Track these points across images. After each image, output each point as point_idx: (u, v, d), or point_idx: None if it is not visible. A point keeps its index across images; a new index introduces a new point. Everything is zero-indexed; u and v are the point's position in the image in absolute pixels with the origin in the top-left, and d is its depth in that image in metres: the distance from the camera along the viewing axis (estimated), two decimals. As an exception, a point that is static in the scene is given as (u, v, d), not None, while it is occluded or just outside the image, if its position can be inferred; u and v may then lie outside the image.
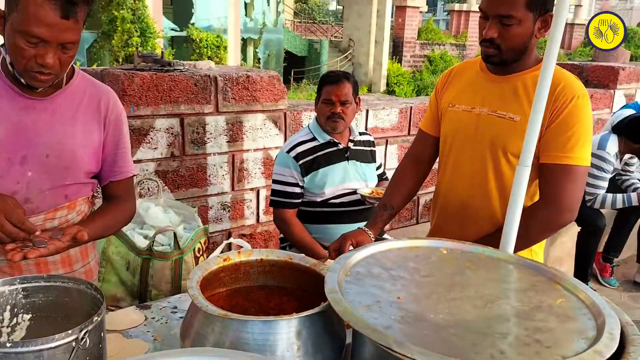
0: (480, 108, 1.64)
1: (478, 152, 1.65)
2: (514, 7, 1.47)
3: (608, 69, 4.91)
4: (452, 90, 1.76)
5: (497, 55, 1.55)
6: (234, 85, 2.77)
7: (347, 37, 21.06)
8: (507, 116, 1.59)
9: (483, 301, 1.10)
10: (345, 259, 1.19)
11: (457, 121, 1.71)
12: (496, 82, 1.63)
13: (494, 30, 1.51)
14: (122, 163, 1.49)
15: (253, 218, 3.07)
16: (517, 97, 1.58)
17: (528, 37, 1.52)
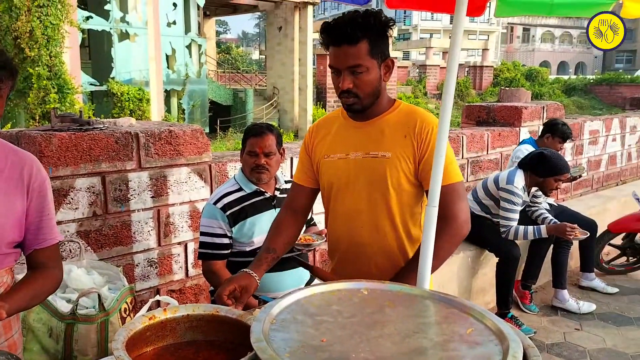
0: (354, 153, 1.79)
1: (362, 193, 1.79)
2: (360, 58, 1.65)
3: (512, 108, 5.33)
4: (322, 143, 1.89)
5: (358, 102, 1.72)
6: (156, 141, 2.78)
7: (271, 85, 21.46)
8: (379, 155, 1.75)
9: (401, 337, 1.17)
10: (270, 308, 1.23)
11: (335, 169, 1.84)
12: (362, 128, 1.79)
13: (348, 81, 1.68)
14: (47, 230, 1.47)
15: (182, 273, 3.03)
16: (384, 137, 1.76)
17: (377, 81, 1.71)
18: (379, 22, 1.66)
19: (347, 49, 1.65)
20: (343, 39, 1.65)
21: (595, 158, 6.50)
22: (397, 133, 1.74)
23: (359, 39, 1.63)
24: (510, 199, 3.63)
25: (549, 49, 53.93)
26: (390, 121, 1.77)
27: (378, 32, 1.66)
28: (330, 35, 1.67)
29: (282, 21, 20.25)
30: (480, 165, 4.89)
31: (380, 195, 1.76)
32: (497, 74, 30.63)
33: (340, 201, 1.86)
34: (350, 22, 1.63)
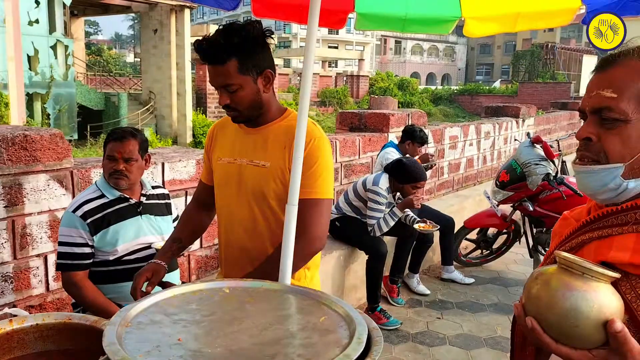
0: (240, 159, 1.84)
1: (245, 199, 1.84)
2: (229, 77, 1.68)
3: (381, 115, 5.66)
4: (218, 144, 1.95)
5: (239, 115, 1.78)
6: (9, 146, 2.58)
7: (147, 89, 20.63)
8: (260, 164, 1.80)
9: (258, 329, 1.22)
10: (127, 311, 1.22)
11: (223, 173, 1.89)
12: (251, 134, 1.85)
13: (224, 98, 1.72)
14: None
15: (42, 287, 2.84)
16: (267, 146, 1.81)
17: (255, 95, 1.74)
18: (248, 38, 1.67)
19: (217, 69, 1.67)
20: (210, 58, 1.67)
21: (455, 161, 7.09)
22: (279, 144, 1.78)
23: (225, 59, 1.65)
24: (375, 199, 3.87)
25: (419, 61, 57.79)
26: (276, 131, 1.81)
27: (249, 48, 1.67)
28: (200, 55, 1.69)
29: (157, 24, 19.58)
30: (353, 169, 5.13)
31: (259, 202, 1.81)
32: (372, 83, 32.20)
33: (225, 206, 1.91)
34: (213, 44, 1.65)
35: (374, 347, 1.17)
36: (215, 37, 1.66)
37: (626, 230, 0.97)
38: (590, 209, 1.12)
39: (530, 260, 4.84)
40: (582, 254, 1.01)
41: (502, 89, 34.11)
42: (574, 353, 0.83)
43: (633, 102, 0.96)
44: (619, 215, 1.00)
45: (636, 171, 0.98)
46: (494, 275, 5.05)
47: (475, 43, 62.13)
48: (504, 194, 4.66)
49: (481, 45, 62.77)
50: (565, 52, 35.82)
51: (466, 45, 62.02)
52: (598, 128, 1.01)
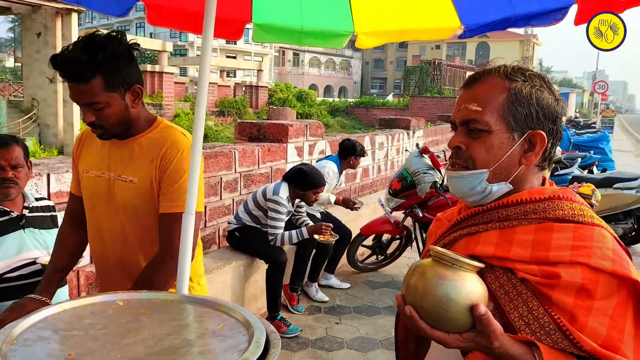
0: (109, 173, 1.78)
1: (114, 214, 1.79)
2: (94, 95, 1.60)
3: (280, 125, 5.73)
4: (85, 155, 1.87)
5: (106, 132, 1.70)
6: None
7: (29, 96, 19.21)
8: (127, 179, 1.75)
9: (155, 340, 1.21)
10: (11, 328, 1.16)
11: (92, 186, 1.83)
12: (118, 147, 1.78)
13: (90, 116, 1.63)
14: None
15: None
16: (134, 160, 1.75)
17: (123, 111, 1.68)
18: (113, 54, 1.59)
19: (81, 87, 1.58)
20: (72, 77, 1.58)
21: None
22: (146, 158, 1.72)
23: (89, 77, 1.57)
24: (276, 208, 3.91)
25: (317, 73, 59.07)
26: (143, 144, 1.75)
27: (114, 64, 1.59)
28: (60, 71, 1.58)
29: (41, 27, 18.33)
30: (252, 179, 5.14)
31: (129, 216, 1.76)
32: (271, 94, 32.39)
33: (95, 220, 1.85)
34: (76, 60, 1.55)
35: (271, 350, 1.21)
36: (76, 53, 1.56)
37: (490, 227, 1.10)
38: (460, 209, 1.25)
39: (421, 263, 5.12)
40: (455, 249, 1.13)
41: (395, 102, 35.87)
42: (446, 337, 0.92)
43: (495, 115, 1.10)
44: (484, 214, 1.13)
45: (498, 176, 1.12)
46: (388, 280, 5.29)
47: (370, 58, 64.78)
48: (397, 201, 4.92)
49: (375, 60, 65.57)
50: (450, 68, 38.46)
51: (361, 60, 64.43)
52: (467, 138, 1.14)
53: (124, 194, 1.75)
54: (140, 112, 1.75)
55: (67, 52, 1.57)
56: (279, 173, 5.52)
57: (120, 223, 1.78)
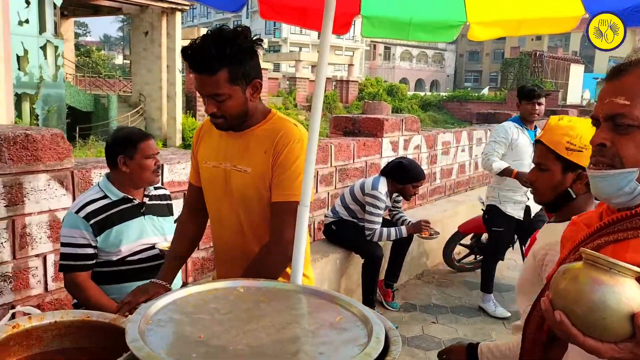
0: (225, 163, 1.85)
1: (230, 203, 1.86)
2: (218, 87, 1.67)
3: (375, 120, 5.70)
4: (203, 146, 1.95)
5: (225, 122, 1.76)
6: (10, 145, 2.57)
7: (137, 91, 20.54)
8: (242, 169, 1.81)
9: (276, 328, 1.24)
10: (146, 309, 1.23)
11: (210, 176, 1.90)
12: (234, 139, 1.84)
13: (212, 107, 1.71)
14: None
15: (41, 287, 2.82)
16: (249, 151, 1.81)
17: (243, 104, 1.74)
18: (240, 47, 1.64)
19: (206, 79, 1.65)
20: (200, 68, 1.64)
21: (447, 167, 7.15)
22: (260, 148, 1.78)
23: (216, 69, 1.62)
24: (374, 203, 3.89)
25: (408, 67, 58.15)
26: (258, 135, 1.81)
27: (240, 58, 1.65)
28: (189, 62, 1.66)
29: (148, 26, 19.52)
30: (347, 173, 5.15)
31: (244, 206, 1.83)
32: (361, 88, 32.34)
33: (214, 209, 1.93)
34: (205, 53, 1.61)
35: (392, 347, 1.20)
36: (205, 45, 1.62)
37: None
38: (602, 213, 1.15)
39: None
40: None
41: (491, 96, 34.46)
42: (600, 345, 0.85)
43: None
44: (634, 219, 1.04)
45: None
46: (486, 280, 5.09)
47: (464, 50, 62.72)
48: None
49: (470, 53, 63.38)
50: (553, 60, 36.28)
51: (455, 52, 62.58)
52: (612, 134, 1.05)
53: (239, 184, 1.81)
54: (257, 105, 1.81)
55: (197, 45, 1.64)
56: (373, 168, 5.49)
57: (236, 212, 1.85)
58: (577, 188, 1.62)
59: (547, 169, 1.64)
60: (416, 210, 5.94)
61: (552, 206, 1.67)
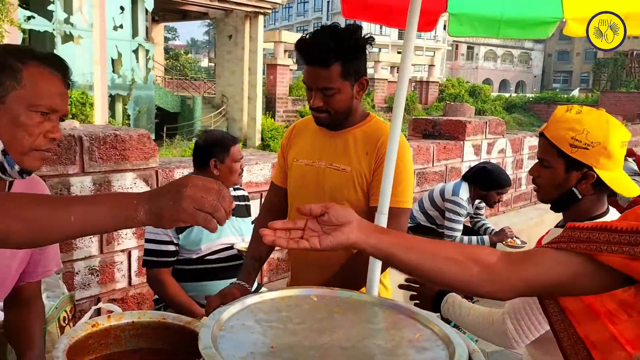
0: (319, 162, 1.81)
1: (320, 202, 1.79)
2: (331, 81, 1.65)
3: (457, 122, 5.50)
4: (296, 145, 1.93)
5: (328, 118, 1.74)
6: (101, 145, 2.69)
7: (220, 93, 21.27)
8: (340, 168, 1.77)
9: (351, 342, 1.18)
10: (219, 314, 1.21)
11: (301, 174, 1.87)
12: (331, 137, 1.81)
13: (319, 100, 1.69)
14: (46, 262, 1.38)
15: (125, 281, 2.94)
16: (347, 151, 1.77)
17: (349, 100, 1.72)
18: (355, 43, 1.65)
19: (319, 71, 1.65)
20: (315, 60, 1.64)
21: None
22: (360, 149, 1.75)
23: (331, 62, 1.62)
24: (455, 210, 3.74)
25: (492, 67, 56.18)
26: (357, 135, 1.78)
27: (354, 53, 1.66)
28: (303, 54, 1.66)
29: (232, 29, 20.15)
30: (426, 177, 5.01)
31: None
32: (442, 89, 31.62)
33: (296, 206, 1.88)
34: (322, 46, 1.62)
35: (476, 370, 1.10)
36: (323, 38, 1.63)
37: None
38: None
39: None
40: None
41: (582, 97, 32.54)
42: None
43: None
44: None
45: None
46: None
47: (553, 49, 59.69)
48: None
49: (559, 52, 60.22)
50: (653, 60, 33.69)
51: (543, 52, 59.70)
52: None
53: (334, 182, 1.77)
54: (358, 105, 1.79)
55: (314, 38, 1.64)
56: (454, 172, 5.30)
57: None
58: (583, 188, 1.44)
59: (549, 165, 1.47)
60: (499, 218, 5.67)
61: (557, 205, 1.51)
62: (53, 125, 1.20)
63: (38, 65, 1.17)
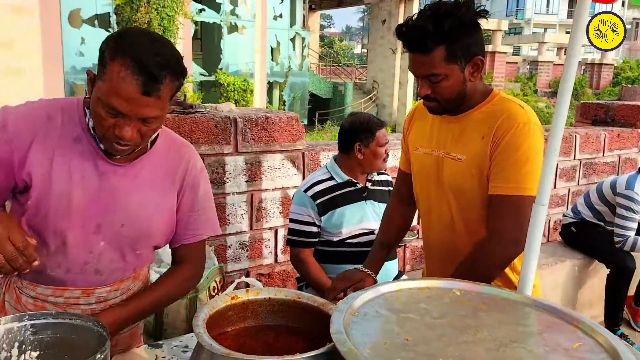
0: (437, 151, 1.67)
1: (441, 194, 1.67)
2: (434, 66, 1.49)
3: (634, 107, 4.84)
4: (415, 131, 1.79)
5: (438, 106, 1.58)
6: (253, 126, 2.81)
7: (371, 79, 21.37)
8: (456, 157, 1.61)
9: (496, 344, 1.06)
10: (353, 299, 1.17)
11: (421, 164, 1.74)
12: (449, 123, 1.64)
13: (425, 88, 1.54)
14: (196, 226, 1.41)
15: (271, 257, 3.06)
16: (464, 136, 1.60)
17: (460, 85, 1.53)
18: (460, 21, 1.46)
19: (421, 58, 1.50)
20: (415, 47, 1.51)
21: None
22: (477, 133, 1.57)
23: (431, 47, 1.47)
24: (629, 206, 3.28)
25: (681, 46, 48.73)
26: (475, 119, 1.60)
27: (459, 33, 1.48)
28: (403, 41, 1.53)
29: (386, 14, 20.05)
30: (594, 168, 4.49)
31: (458, 197, 1.64)
32: (617, 72, 28.35)
33: (423, 200, 1.79)
34: (420, 30, 1.47)
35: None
36: (421, 22, 1.48)
37: None
38: None
39: None
40: None
41: None
42: None
43: None
44: None
45: None
46: None
47: None
48: None
49: None
50: None
51: None
52: None
53: (451, 173, 1.63)
54: (477, 86, 1.60)
55: (413, 22, 1.51)
56: (628, 163, 4.69)
57: (447, 205, 1.67)
58: None
59: None
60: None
61: None
62: (123, 124, 1.15)
63: (122, 64, 1.11)
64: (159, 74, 1.12)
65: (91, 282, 1.32)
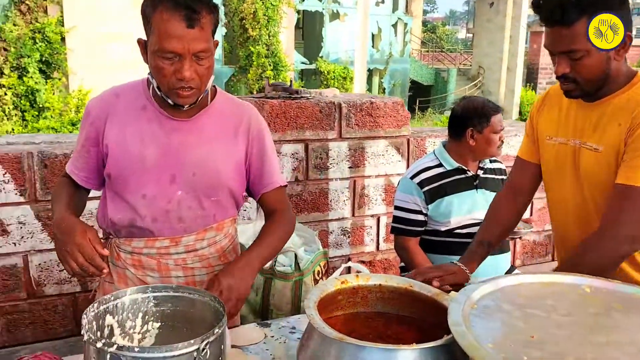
0: (574, 140, 1.51)
1: (577, 187, 1.52)
2: (576, 42, 1.34)
3: None
4: (547, 117, 1.63)
5: (576, 89, 1.42)
6: (357, 112, 2.78)
7: (476, 64, 20.51)
8: (592, 147, 1.46)
9: (636, 348, 0.95)
10: (471, 291, 1.10)
11: (554, 155, 1.58)
12: (587, 109, 1.48)
13: (564, 66, 1.39)
14: (269, 175, 1.51)
15: (373, 245, 3.03)
16: (601, 124, 1.44)
17: (604, 64, 1.37)
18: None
19: (560, 31, 1.37)
20: (553, 19, 1.37)
21: None
22: (614, 121, 1.43)
23: (574, 19, 1.34)
24: None
25: None
26: (615, 105, 1.44)
27: (606, 4, 1.34)
28: (540, 13, 1.41)
29: (494, -4, 19.11)
30: None
31: (594, 191, 1.50)
32: None
33: (557, 192, 1.64)
34: (562, 2, 1.34)
35: None
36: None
37: None
38: None
39: None
40: None
41: None
42: None
43: None
44: None
45: None
46: None
47: None
48: None
49: None
50: None
51: None
52: None
53: (588, 164, 1.49)
54: (621, 67, 1.43)
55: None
56: None
57: (582, 198, 1.53)
58: None
59: None
60: None
61: None
62: (181, 65, 1.26)
63: (163, 9, 1.24)
64: (196, 7, 1.25)
65: (176, 230, 1.43)
